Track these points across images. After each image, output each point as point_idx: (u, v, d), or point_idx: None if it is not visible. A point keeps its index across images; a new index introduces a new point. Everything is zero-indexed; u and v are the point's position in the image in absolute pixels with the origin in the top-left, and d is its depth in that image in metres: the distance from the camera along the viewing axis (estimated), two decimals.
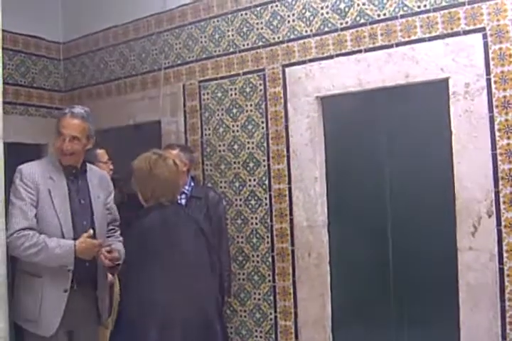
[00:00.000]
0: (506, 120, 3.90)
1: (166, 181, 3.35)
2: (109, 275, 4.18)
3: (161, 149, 4.94)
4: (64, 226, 3.54)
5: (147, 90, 5.93)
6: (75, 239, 3.52)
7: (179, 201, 4.66)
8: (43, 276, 3.50)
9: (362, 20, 4.50)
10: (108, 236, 3.90)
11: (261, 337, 5.04)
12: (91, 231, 3.54)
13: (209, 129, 5.40)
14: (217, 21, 5.38)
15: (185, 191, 4.75)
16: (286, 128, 4.90)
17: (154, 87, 5.86)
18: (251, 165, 5.09)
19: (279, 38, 4.97)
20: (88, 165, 3.87)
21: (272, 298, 4.97)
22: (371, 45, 4.46)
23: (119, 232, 4.04)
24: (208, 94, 5.43)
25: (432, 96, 4.27)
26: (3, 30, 3.40)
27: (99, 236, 3.65)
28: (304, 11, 4.81)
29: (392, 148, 4.46)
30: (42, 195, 3.51)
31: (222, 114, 5.31)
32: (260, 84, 5.07)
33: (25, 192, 3.47)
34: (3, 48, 3.43)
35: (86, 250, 3.48)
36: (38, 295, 3.46)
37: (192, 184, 4.85)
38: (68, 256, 3.44)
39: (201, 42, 5.50)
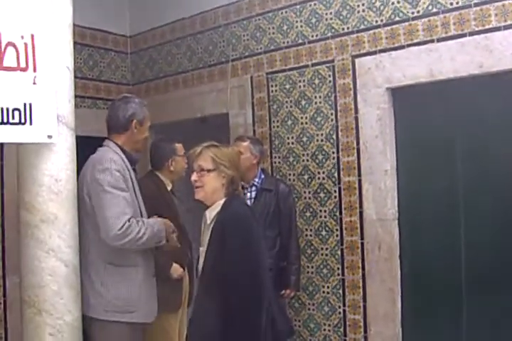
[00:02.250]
0: None
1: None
2: (180, 269, 4.34)
3: (230, 141, 5.10)
4: (143, 213, 3.76)
5: (215, 82, 6.05)
6: None
7: (250, 193, 4.79)
8: (139, 265, 3.64)
9: (434, 9, 4.49)
10: None
11: (329, 330, 5.11)
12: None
13: (277, 121, 5.48)
14: (286, 12, 5.44)
15: (256, 183, 4.84)
16: (356, 120, 4.93)
17: (222, 79, 5.97)
18: (320, 157, 5.15)
19: (348, 28, 5.00)
20: None
21: (340, 291, 5.02)
22: (444, 35, 4.45)
23: None
24: (276, 85, 5.50)
25: (506, 87, 4.24)
26: None
27: None
28: (374, 1, 4.82)
29: (464, 140, 4.44)
30: (128, 184, 3.66)
31: (291, 106, 5.38)
32: (329, 76, 5.11)
33: (121, 182, 3.58)
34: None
35: (167, 226, 3.73)
36: (136, 284, 3.60)
37: (262, 176, 4.92)
38: (162, 230, 3.67)
39: (269, 33, 5.57)
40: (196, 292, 3.43)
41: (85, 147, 3.63)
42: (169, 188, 4.61)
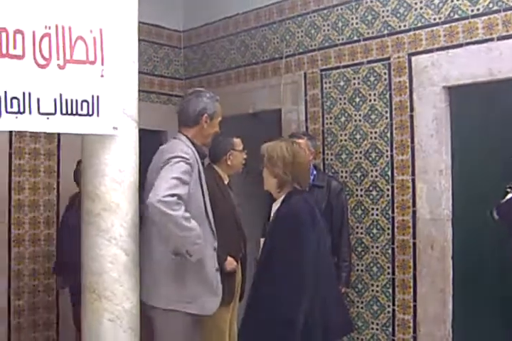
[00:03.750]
0: None
1: (306, 167, 3.61)
2: (234, 262, 4.48)
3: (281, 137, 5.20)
4: (208, 207, 3.84)
5: (268, 78, 6.17)
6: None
7: None
8: (203, 258, 3.71)
9: (495, 7, 4.51)
10: None
11: (377, 329, 5.18)
12: None
13: (330, 118, 5.57)
14: (341, 9, 5.53)
15: None
16: (411, 118, 4.98)
17: (275, 76, 6.08)
18: (373, 155, 5.23)
19: (405, 26, 5.06)
20: None
21: (390, 290, 5.09)
22: (504, 33, 4.47)
23: None
24: (329, 82, 5.60)
25: None
26: None
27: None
28: None
29: None
30: (194, 178, 3.73)
31: (345, 103, 5.47)
32: (385, 73, 5.18)
33: (184, 169, 3.60)
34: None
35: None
36: (198, 277, 3.71)
37: (314, 172, 4.99)
38: (196, 250, 3.57)
39: (324, 30, 5.66)
40: (253, 279, 3.57)
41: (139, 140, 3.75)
42: (226, 182, 4.74)
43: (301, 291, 3.21)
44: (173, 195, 3.40)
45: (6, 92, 2.95)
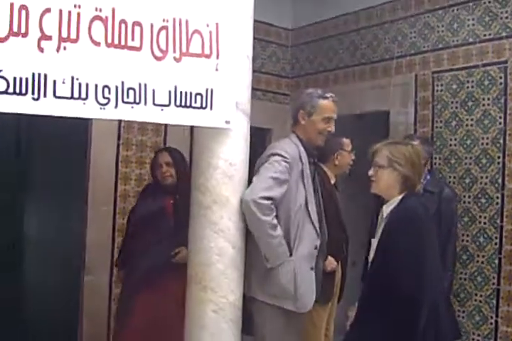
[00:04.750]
0: None
1: (421, 171, 3.63)
2: (334, 262, 4.51)
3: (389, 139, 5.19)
4: (310, 206, 3.86)
5: (377, 79, 6.16)
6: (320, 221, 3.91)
7: None
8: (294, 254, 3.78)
9: None
10: None
11: (478, 340, 5.10)
12: None
13: (440, 122, 5.52)
14: (457, 10, 5.48)
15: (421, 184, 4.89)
16: None
17: (384, 77, 6.08)
18: (484, 161, 5.16)
19: None
20: None
21: (494, 301, 5.00)
22: None
23: None
24: (441, 85, 5.55)
25: None
26: None
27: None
28: None
29: None
30: (294, 177, 3.79)
31: (456, 107, 5.41)
32: (500, 77, 5.10)
33: (282, 168, 3.72)
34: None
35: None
36: (294, 274, 3.74)
37: (428, 177, 4.97)
38: (273, 258, 3.70)
39: (438, 31, 5.62)
40: (365, 281, 3.59)
41: None
42: (332, 182, 4.78)
43: (422, 292, 3.19)
44: (268, 198, 3.56)
45: (123, 83, 3.07)
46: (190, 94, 3.32)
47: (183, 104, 3.29)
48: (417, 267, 3.23)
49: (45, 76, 2.80)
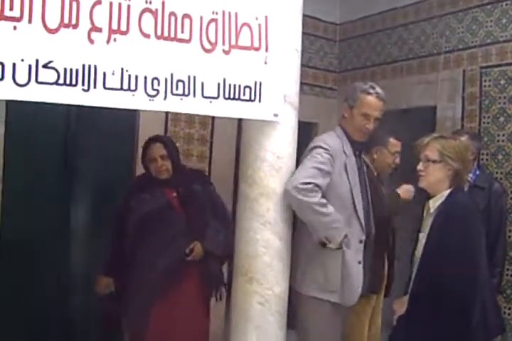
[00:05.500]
0: None
1: (469, 166, 3.54)
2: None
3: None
4: (356, 199, 3.76)
5: (424, 74, 6.05)
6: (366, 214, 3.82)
7: None
8: (345, 249, 3.68)
9: None
10: None
11: None
12: None
13: (488, 117, 5.41)
14: (506, 5, 5.33)
15: (470, 179, 4.79)
16: None
17: (432, 72, 5.96)
18: None
19: None
20: None
21: None
22: None
23: None
24: (489, 80, 5.43)
25: None
26: None
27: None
28: None
29: None
30: (337, 169, 3.71)
31: (504, 103, 5.29)
32: None
33: (324, 160, 3.62)
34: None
35: None
36: (340, 267, 3.65)
37: (477, 172, 4.87)
38: (336, 232, 3.57)
39: (486, 26, 5.49)
40: (414, 277, 3.46)
41: None
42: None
43: (474, 290, 3.14)
44: (309, 183, 3.46)
45: (172, 75, 3.05)
46: (239, 86, 3.29)
47: (231, 96, 3.25)
48: (469, 265, 3.17)
49: (95, 67, 2.80)
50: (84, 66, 2.74)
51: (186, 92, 3.06)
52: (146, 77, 2.93)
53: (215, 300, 4.24)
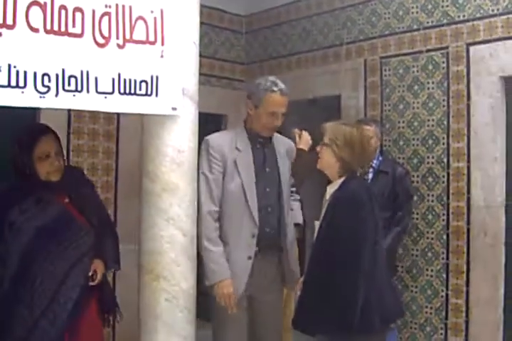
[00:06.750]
0: None
1: (370, 155, 3.45)
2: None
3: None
4: (248, 193, 3.69)
5: (328, 65, 6.06)
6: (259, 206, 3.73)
7: (367, 175, 4.73)
8: (230, 243, 3.68)
9: None
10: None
11: (431, 313, 5.09)
12: None
13: (389, 105, 5.48)
14: None
15: (374, 165, 4.89)
16: (468, 107, 4.89)
17: (335, 62, 5.97)
18: (430, 142, 5.13)
19: (464, 16, 4.94)
20: (275, 133, 3.89)
21: (444, 275, 5.00)
22: None
23: (295, 194, 4.20)
24: (389, 70, 5.50)
25: None
26: None
27: (285, 202, 3.85)
28: None
29: None
30: (229, 168, 3.68)
31: (403, 91, 5.38)
32: (443, 62, 5.08)
33: (212, 165, 3.64)
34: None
35: (222, 295, 3.61)
36: (231, 263, 3.63)
37: (380, 158, 4.97)
38: (210, 278, 3.63)
39: (384, 18, 5.55)
40: (307, 265, 3.46)
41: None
42: None
43: (358, 276, 3.11)
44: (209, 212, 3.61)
45: (63, 70, 2.84)
46: (135, 81, 3.10)
47: (127, 91, 3.06)
48: (351, 253, 3.13)
49: None
50: None
51: (79, 88, 2.84)
52: (35, 73, 2.71)
53: (107, 326, 3.72)
